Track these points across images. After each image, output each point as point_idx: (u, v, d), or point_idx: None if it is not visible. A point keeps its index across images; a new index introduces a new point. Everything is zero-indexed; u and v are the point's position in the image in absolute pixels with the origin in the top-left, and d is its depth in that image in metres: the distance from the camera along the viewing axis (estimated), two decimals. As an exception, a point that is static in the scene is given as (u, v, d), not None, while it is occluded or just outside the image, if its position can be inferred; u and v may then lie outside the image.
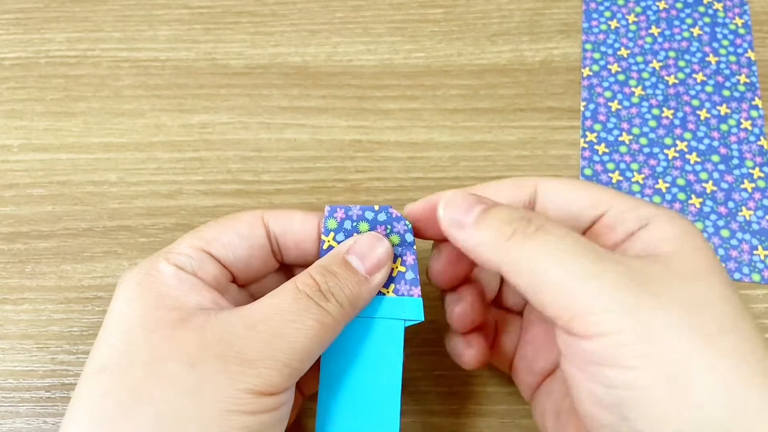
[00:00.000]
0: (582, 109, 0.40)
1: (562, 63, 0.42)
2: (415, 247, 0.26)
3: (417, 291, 0.26)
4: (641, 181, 0.37)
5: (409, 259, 0.26)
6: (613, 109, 0.40)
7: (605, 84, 0.41)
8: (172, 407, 0.21)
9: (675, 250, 0.22)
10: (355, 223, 0.27)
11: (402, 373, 0.25)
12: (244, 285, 0.27)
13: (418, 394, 0.32)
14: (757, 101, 0.39)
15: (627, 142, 0.38)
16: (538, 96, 0.40)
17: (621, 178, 0.37)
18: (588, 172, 0.38)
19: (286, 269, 0.29)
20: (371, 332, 0.26)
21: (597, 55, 0.42)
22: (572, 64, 0.41)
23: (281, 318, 0.22)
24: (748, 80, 0.40)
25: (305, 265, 0.26)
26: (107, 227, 0.36)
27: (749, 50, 0.41)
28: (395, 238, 0.26)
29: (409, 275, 0.26)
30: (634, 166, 0.38)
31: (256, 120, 0.40)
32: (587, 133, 0.39)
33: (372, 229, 0.26)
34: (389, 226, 0.26)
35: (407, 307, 0.26)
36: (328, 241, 0.26)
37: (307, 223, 0.26)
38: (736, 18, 0.43)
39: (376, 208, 0.26)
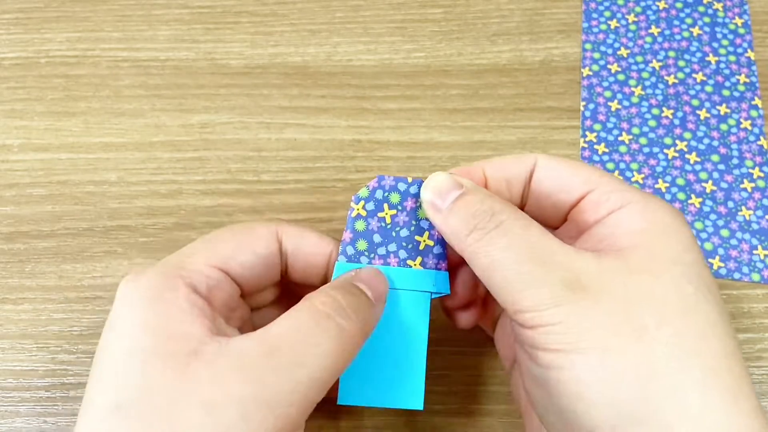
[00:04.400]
0: (582, 108, 0.40)
1: (562, 63, 0.42)
2: None
3: (444, 265, 0.27)
4: (641, 181, 0.37)
5: (437, 233, 0.26)
6: (612, 108, 0.40)
7: (605, 84, 0.41)
8: None
9: (636, 243, 0.23)
10: (386, 194, 0.27)
11: (427, 342, 0.26)
12: (246, 297, 0.27)
13: (418, 394, 0.32)
14: (757, 101, 0.39)
15: (627, 141, 0.38)
16: (538, 96, 0.40)
17: (621, 178, 0.37)
18: (588, 171, 0.38)
19: (284, 282, 0.28)
20: (398, 303, 0.26)
21: (597, 55, 0.42)
22: (572, 64, 0.42)
23: (301, 342, 0.21)
24: (747, 80, 0.40)
25: (307, 284, 0.26)
26: (107, 227, 0.36)
27: (749, 50, 0.41)
28: (424, 213, 0.26)
29: (437, 249, 0.27)
30: (634, 165, 0.38)
31: (256, 120, 0.40)
32: (587, 132, 0.39)
33: (403, 200, 0.27)
34: (419, 200, 0.27)
35: (434, 279, 0.26)
36: (357, 209, 0.26)
37: (321, 247, 0.26)
38: (736, 18, 0.43)
39: (409, 180, 0.27)
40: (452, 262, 0.27)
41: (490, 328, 0.30)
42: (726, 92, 0.40)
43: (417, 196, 0.27)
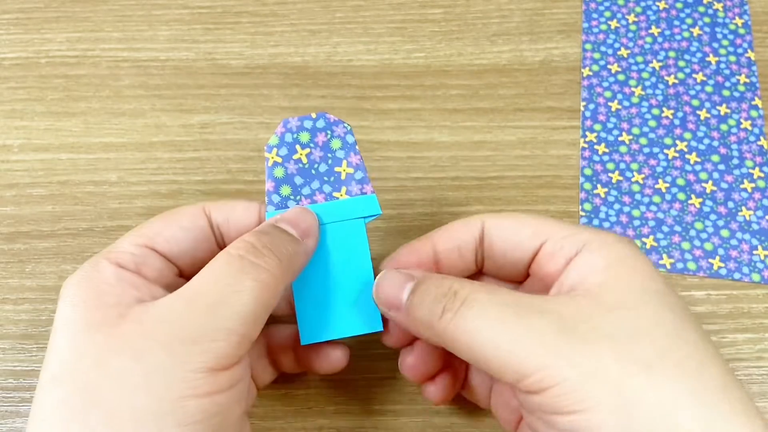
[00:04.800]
0: (582, 109, 0.40)
1: (562, 63, 0.42)
2: (357, 146, 0.27)
3: (369, 188, 0.27)
4: (641, 181, 0.37)
5: (354, 159, 0.27)
6: (613, 109, 0.40)
7: (605, 84, 0.41)
8: (124, 405, 0.20)
9: (603, 280, 0.22)
10: (295, 135, 0.27)
11: (372, 264, 0.27)
12: (190, 277, 0.27)
13: (418, 394, 0.32)
14: (757, 101, 0.39)
15: (627, 142, 0.39)
16: (538, 96, 0.40)
17: (621, 178, 0.37)
18: (588, 172, 0.38)
19: None
20: (334, 237, 0.27)
21: (597, 55, 0.42)
22: (572, 64, 0.42)
23: (218, 285, 0.22)
24: (748, 80, 0.40)
25: None
26: (107, 227, 0.36)
27: (749, 50, 0.41)
28: (336, 143, 0.27)
29: (358, 175, 0.27)
30: (634, 166, 0.38)
31: (256, 120, 0.40)
32: (587, 133, 0.39)
33: (313, 137, 0.27)
34: (329, 132, 0.27)
35: (363, 204, 0.27)
36: (272, 158, 0.27)
37: (249, 211, 0.27)
38: (736, 18, 0.43)
39: (313, 116, 0.27)
40: (404, 339, 0.27)
41: (484, 401, 0.29)
42: (726, 92, 0.40)
43: (325, 129, 0.27)
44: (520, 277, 0.27)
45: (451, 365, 0.28)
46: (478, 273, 0.28)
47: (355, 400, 0.31)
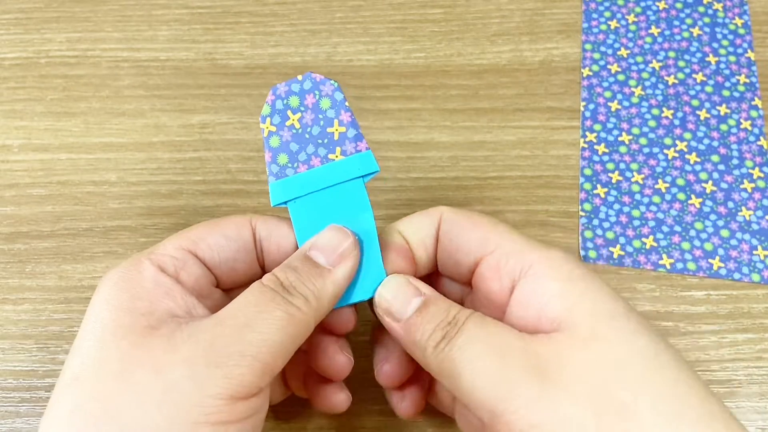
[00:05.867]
0: (582, 109, 0.40)
1: (562, 63, 0.42)
2: (347, 103, 0.27)
3: (363, 145, 0.26)
4: (641, 181, 0.37)
5: (345, 117, 0.27)
6: (612, 109, 0.40)
7: (605, 84, 0.41)
8: (137, 423, 0.20)
9: (568, 307, 0.22)
10: (285, 101, 0.27)
11: (375, 225, 0.26)
12: (228, 290, 0.27)
13: (418, 394, 0.32)
14: (757, 101, 0.39)
15: (627, 142, 0.39)
16: (538, 96, 0.40)
17: (621, 178, 0.37)
18: (588, 172, 0.38)
19: None
20: (335, 200, 0.26)
21: (597, 55, 0.42)
22: (572, 64, 0.42)
23: (248, 310, 0.22)
24: (747, 80, 0.40)
25: None
26: (107, 227, 0.36)
27: (749, 50, 0.41)
28: (326, 102, 0.27)
29: (351, 133, 0.26)
30: (634, 166, 0.38)
31: (256, 120, 0.40)
32: (587, 133, 0.39)
33: (303, 100, 0.27)
34: (317, 92, 0.27)
35: (359, 163, 0.26)
36: (267, 128, 0.27)
37: (293, 232, 0.26)
38: (736, 18, 0.43)
39: (300, 78, 0.27)
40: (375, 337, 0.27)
41: (449, 410, 0.28)
42: (726, 92, 0.40)
43: (313, 90, 0.27)
44: (465, 280, 0.26)
45: (419, 376, 0.27)
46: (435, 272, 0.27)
47: (355, 400, 0.31)
